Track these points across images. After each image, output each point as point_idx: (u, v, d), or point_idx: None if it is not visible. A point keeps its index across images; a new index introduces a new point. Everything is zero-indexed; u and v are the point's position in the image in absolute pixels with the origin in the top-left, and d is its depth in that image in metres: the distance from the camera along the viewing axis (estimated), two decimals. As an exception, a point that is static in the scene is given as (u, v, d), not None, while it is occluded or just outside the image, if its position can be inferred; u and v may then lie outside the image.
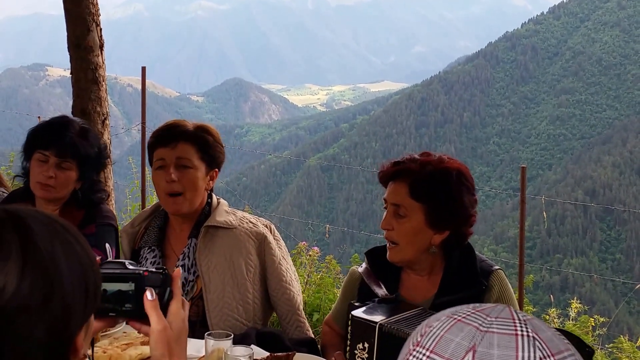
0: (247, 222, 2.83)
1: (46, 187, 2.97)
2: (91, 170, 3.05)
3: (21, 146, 3.08)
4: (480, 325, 1.00)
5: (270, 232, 2.88)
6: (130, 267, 1.50)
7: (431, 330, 1.05)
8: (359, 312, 2.19)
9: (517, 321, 1.01)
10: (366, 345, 2.11)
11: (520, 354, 0.95)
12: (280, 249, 2.87)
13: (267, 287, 2.83)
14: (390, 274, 2.55)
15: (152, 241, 2.86)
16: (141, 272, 1.49)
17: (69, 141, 2.95)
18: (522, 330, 0.99)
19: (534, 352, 0.96)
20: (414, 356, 1.04)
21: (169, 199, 2.75)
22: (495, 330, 0.99)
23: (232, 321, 2.69)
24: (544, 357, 0.97)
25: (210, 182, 2.84)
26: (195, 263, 2.76)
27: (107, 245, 3.00)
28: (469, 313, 1.04)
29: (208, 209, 2.84)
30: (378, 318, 2.14)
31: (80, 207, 3.05)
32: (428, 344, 1.03)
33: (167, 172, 2.73)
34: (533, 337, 0.98)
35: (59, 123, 3.02)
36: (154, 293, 1.47)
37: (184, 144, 2.75)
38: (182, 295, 1.57)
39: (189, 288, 2.74)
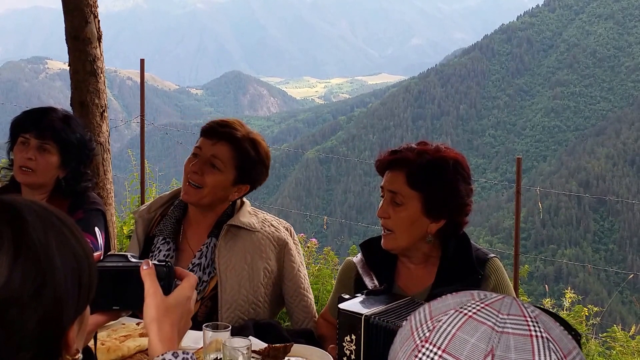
0: (269, 226, 2.81)
1: (26, 170, 2.93)
2: (74, 158, 3.01)
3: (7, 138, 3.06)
4: (495, 324, 0.99)
5: (291, 236, 2.86)
6: (133, 260, 1.49)
7: (440, 326, 1.02)
8: (345, 305, 2.19)
9: (528, 319, 1.01)
10: (353, 337, 2.12)
11: (537, 358, 0.96)
12: (299, 255, 2.85)
13: (283, 292, 2.81)
14: (386, 265, 2.55)
15: (167, 232, 2.79)
16: None
17: (48, 123, 2.94)
18: (535, 331, 0.99)
19: (550, 355, 0.97)
20: (423, 354, 1.00)
21: (187, 185, 2.73)
22: (510, 330, 0.99)
23: (241, 322, 2.67)
24: None
25: (236, 194, 2.78)
26: (211, 263, 2.73)
27: (96, 228, 2.98)
28: (478, 308, 1.02)
29: (231, 209, 2.81)
30: (364, 310, 2.15)
31: (65, 196, 3.03)
32: (439, 342, 1.00)
33: (196, 162, 2.72)
34: (546, 337, 0.99)
35: (40, 109, 3.03)
36: (150, 263, 1.46)
37: (224, 145, 2.72)
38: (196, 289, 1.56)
39: (202, 288, 2.71)
